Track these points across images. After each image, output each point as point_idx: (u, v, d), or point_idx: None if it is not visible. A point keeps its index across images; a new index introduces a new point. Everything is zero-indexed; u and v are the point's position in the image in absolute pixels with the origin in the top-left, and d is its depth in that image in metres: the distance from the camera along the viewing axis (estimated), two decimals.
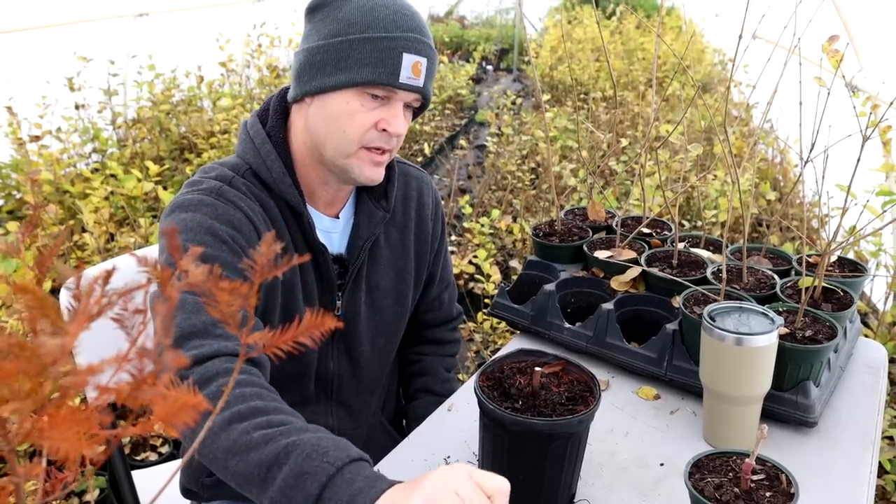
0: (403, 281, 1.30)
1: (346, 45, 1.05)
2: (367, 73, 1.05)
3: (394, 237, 1.28)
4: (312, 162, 1.15)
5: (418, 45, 1.07)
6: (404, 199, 1.30)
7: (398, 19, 1.06)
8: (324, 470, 0.81)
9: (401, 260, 1.29)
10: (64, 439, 0.39)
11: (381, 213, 1.22)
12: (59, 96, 3.68)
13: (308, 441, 0.84)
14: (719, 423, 1.16)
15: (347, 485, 0.80)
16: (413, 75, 1.07)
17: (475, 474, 0.81)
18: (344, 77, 1.05)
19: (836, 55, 1.28)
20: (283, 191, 1.12)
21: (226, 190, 1.09)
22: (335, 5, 1.08)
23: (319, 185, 1.18)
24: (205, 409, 0.43)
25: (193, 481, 1.31)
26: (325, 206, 1.21)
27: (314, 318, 0.50)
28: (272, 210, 1.14)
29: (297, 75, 1.11)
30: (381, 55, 1.04)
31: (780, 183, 3.84)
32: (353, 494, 0.79)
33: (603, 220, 1.73)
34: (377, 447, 1.34)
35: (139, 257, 0.42)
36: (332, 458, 0.82)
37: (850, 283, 1.37)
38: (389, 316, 1.29)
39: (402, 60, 1.05)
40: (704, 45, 7.28)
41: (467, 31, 10.67)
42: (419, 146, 5.36)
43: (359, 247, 1.21)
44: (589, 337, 1.41)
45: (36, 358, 0.37)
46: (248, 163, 1.14)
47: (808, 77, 1.31)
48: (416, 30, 1.07)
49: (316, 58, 1.07)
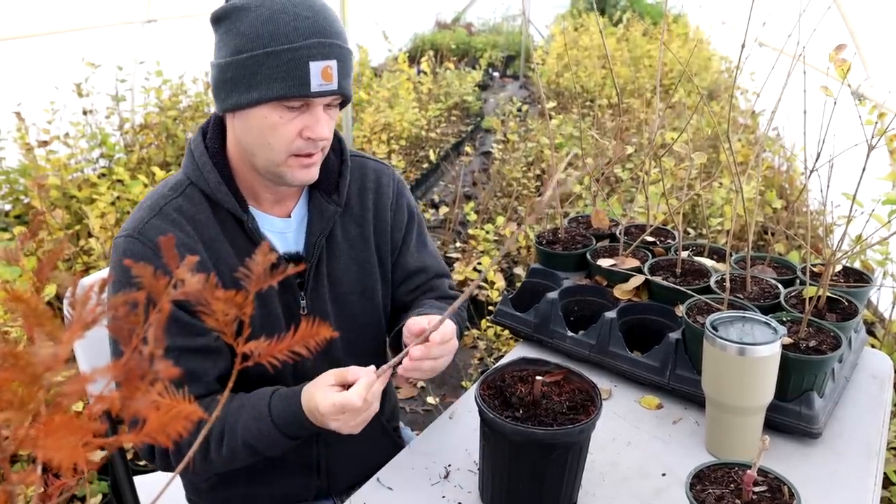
0: (368, 274, 1.28)
1: (253, 62, 1.04)
2: (278, 88, 1.04)
3: (352, 231, 1.27)
4: (249, 169, 1.16)
5: (324, 49, 1.05)
6: (360, 191, 1.28)
7: (299, 25, 1.04)
8: (265, 420, 1.09)
9: (362, 253, 1.28)
10: (58, 447, 0.39)
11: (332, 207, 1.22)
12: (68, 102, 3.70)
13: (245, 423, 1.10)
14: (722, 434, 1.16)
15: (282, 403, 1.10)
16: (324, 81, 1.05)
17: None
18: (257, 94, 1.05)
19: (843, 64, 1.27)
20: (221, 199, 1.14)
21: (146, 230, 1.11)
22: (236, 17, 1.06)
23: (262, 189, 1.18)
24: (199, 418, 0.43)
25: (192, 489, 1.31)
26: (273, 207, 1.21)
27: (309, 328, 0.50)
28: (210, 226, 1.14)
29: (214, 92, 1.12)
30: (288, 68, 1.03)
31: (786, 191, 3.82)
32: (288, 403, 1.09)
33: (607, 228, 1.73)
34: (372, 445, 1.34)
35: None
36: (261, 412, 1.10)
37: (855, 293, 1.36)
38: (358, 310, 1.27)
39: (309, 69, 1.04)
40: (711, 53, 7.28)
41: (474, 38, 10.68)
42: (424, 152, 5.37)
43: (313, 243, 1.21)
44: (592, 345, 1.41)
45: (30, 366, 0.37)
46: (189, 177, 1.16)
47: (814, 85, 1.31)
48: (320, 33, 1.05)
49: (227, 75, 1.07)
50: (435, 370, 1.11)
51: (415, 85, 6.30)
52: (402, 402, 2.80)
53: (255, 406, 1.11)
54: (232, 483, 1.25)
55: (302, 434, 1.10)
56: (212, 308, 0.46)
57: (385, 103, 5.39)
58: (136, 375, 0.39)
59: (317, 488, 1.30)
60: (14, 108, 3.28)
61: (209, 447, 1.11)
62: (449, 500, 1.09)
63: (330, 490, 1.32)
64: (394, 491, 1.12)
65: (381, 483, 1.14)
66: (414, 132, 5.46)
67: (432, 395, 2.84)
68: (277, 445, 1.11)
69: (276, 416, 1.09)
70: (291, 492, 1.29)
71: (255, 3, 1.05)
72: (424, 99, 6.34)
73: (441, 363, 1.11)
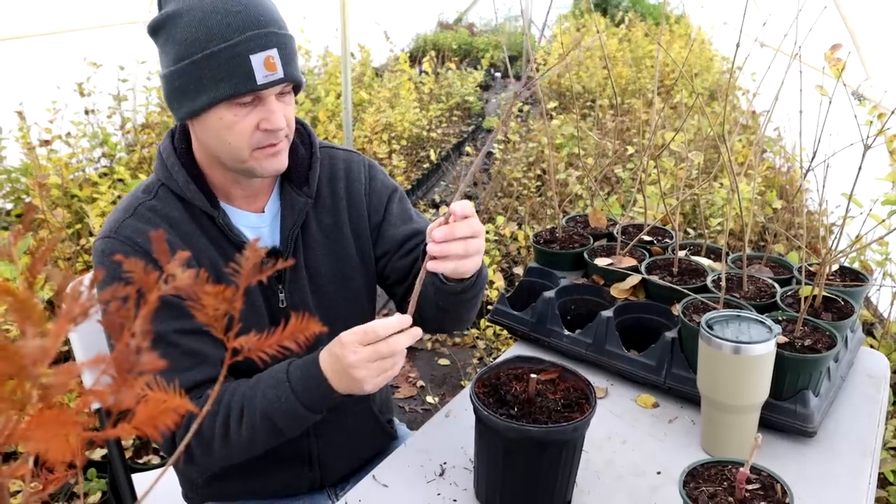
0: (346, 263, 1.28)
1: (194, 67, 1.05)
2: (225, 88, 1.04)
3: (326, 221, 1.26)
4: (218, 168, 1.17)
5: (261, 40, 1.05)
6: (330, 181, 1.28)
7: (232, 21, 1.04)
8: (284, 387, 1.07)
9: (338, 242, 1.27)
10: (46, 441, 0.39)
11: (302, 199, 1.22)
12: (69, 101, 3.72)
13: (263, 392, 1.09)
14: (717, 432, 1.16)
15: (300, 372, 1.08)
16: (268, 71, 1.05)
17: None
18: (206, 98, 1.05)
19: (838, 64, 1.27)
20: (192, 198, 1.15)
21: (122, 229, 1.13)
22: (170, 25, 1.07)
23: (232, 185, 1.19)
24: (187, 411, 0.43)
25: (188, 484, 1.32)
26: (246, 202, 1.22)
27: (298, 322, 0.51)
28: (184, 223, 1.16)
29: (168, 103, 1.13)
30: (229, 66, 1.04)
31: (786, 191, 3.82)
32: (307, 369, 1.07)
33: (604, 228, 1.73)
34: (364, 437, 1.34)
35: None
36: (279, 381, 1.09)
37: (852, 293, 1.36)
38: (339, 300, 1.27)
39: (251, 63, 1.04)
40: (713, 53, 7.27)
41: (476, 39, 10.68)
42: (425, 152, 5.38)
43: (287, 236, 1.21)
44: (588, 344, 1.41)
45: (17, 359, 0.38)
46: (160, 179, 1.17)
47: (812, 85, 1.31)
48: (254, 24, 1.05)
49: (174, 84, 1.08)
50: (468, 254, 1.03)
51: (416, 85, 6.31)
52: (400, 402, 2.81)
53: (273, 374, 1.10)
54: (226, 477, 1.25)
55: (319, 403, 1.07)
56: (202, 303, 0.47)
57: (386, 103, 5.40)
58: (124, 368, 0.39)
59: (310, 480, 1.30)
60: (16, 107, 3.29)
61: (229, 427, 1.09)
62: (444, 498, 1.10)
63: (323, 481, 1.32)
64: (389, 488, 1.12)
65: (376, 480, 1.14)
66: (415, 132, 5.46)
67: (431, 395, 2.84)
68: (296, 415, 1.08)
69: (294, 381, 1.07)
70: (285, 484, 1.29)
71: (185, 7, 1.06)
72: (426, 99, 6.35)
73: (473, 245, 1.04)
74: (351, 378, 1.02)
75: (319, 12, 5.86)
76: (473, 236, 1.04)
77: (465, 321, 1.27)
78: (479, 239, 1.05)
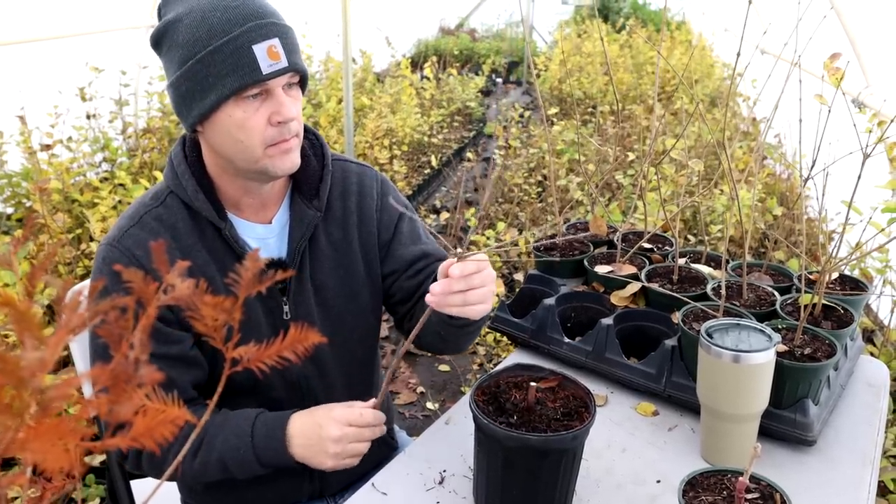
0: (354, 279, 1.27)
1: (200, 66, 1.05)
2: (232, 82, 1.05)
3: (336, 235, 1.26)
4: (229, 175, 1.16)
5: (262, 29, 1.06)
6: (343, 195, 1.28)
7: (231, 16, 1.05)
8: (245, 440, 1.11)
9: (346, 257, 1.27)
10: (45, 451, 0.39)
11: (312, 212, 1.22)
12: (71, 106, 3.72)
13: (223, 438, 1.13)
14: (716, 441, 1.16)
15: (265, 430, 1.12)
16: (272, 60, 1.06)
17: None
18: (214, 95, 1.06)
19: (837, 73, 1.28)
20: (199, 207, 1.15)
21: (124, 239, 1.13)
22: (172, 31, 1.08)
23: (242, 195, 1.19)
24: (185, 422, 0.43)
25: (187, 491, 1.32)
26: (254, 213, 1.21)
27: (298, 333, 0.51)
28: (188, 234, 1.15)
29: (177, 112, 1.13)
30: (234, 59, 1.04)
31: (787, 198, 3.82)
32: (272, 430, 1.12)
33: (604, 235, 1.73)
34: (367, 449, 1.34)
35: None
36: (243, 432, 1.12)
37: (851, 301, 1.36)
38: (345, 314, 1.27)
39: (254, 53, 1.05)
40: (714, 60, 7.28)
41: (477, 44, 10.70)
42: (427, 158, 5.38)
43: (294, 249, 1.21)
44: (588, 352, 1.41)
45: (16, 370, 0.38)
46: (170, 186, 1.18)
47: (812, 93, 1.31)
48: (252, 16, 1.06)
49: (182, 89, 1.08)
50: (468, 303, 1.05)
51: (417, 90, 6.32)
52: (401, 408, 2.80)
53: (239, 424, 1.13)
54: (226, 486, 1.25)
55: (274, 463, 1.13)
56: (200, 313, 0.47)
57: (387, 109, 5.41)
58: (122, 380, 0.39)
59: (310, 491, 1.30)
60: (17, 111, 3.30)
61: (184, 456, 1.11)
62: None
63: (323, 492, 1.32)
64: (388, 496, 1.12)
65: (375, 488, 1.14)
66: (416, 138, 5.47)
67: (431, 401, 2.84)
68: (251, 469, 1.13)
69: (258, 437, 1.11)
70: (285, 494, 1.29)
71: (185, 11, 1.07)
72: (427, 104, 6.35)
73: (474, 295, 1.05)
74: (321, 450, 1.09)
75: (321, 17, 5.87)
76: (472, 288, 1.05)
77: (464, 349, 1.31)
78: (482, 289, 1.06)
